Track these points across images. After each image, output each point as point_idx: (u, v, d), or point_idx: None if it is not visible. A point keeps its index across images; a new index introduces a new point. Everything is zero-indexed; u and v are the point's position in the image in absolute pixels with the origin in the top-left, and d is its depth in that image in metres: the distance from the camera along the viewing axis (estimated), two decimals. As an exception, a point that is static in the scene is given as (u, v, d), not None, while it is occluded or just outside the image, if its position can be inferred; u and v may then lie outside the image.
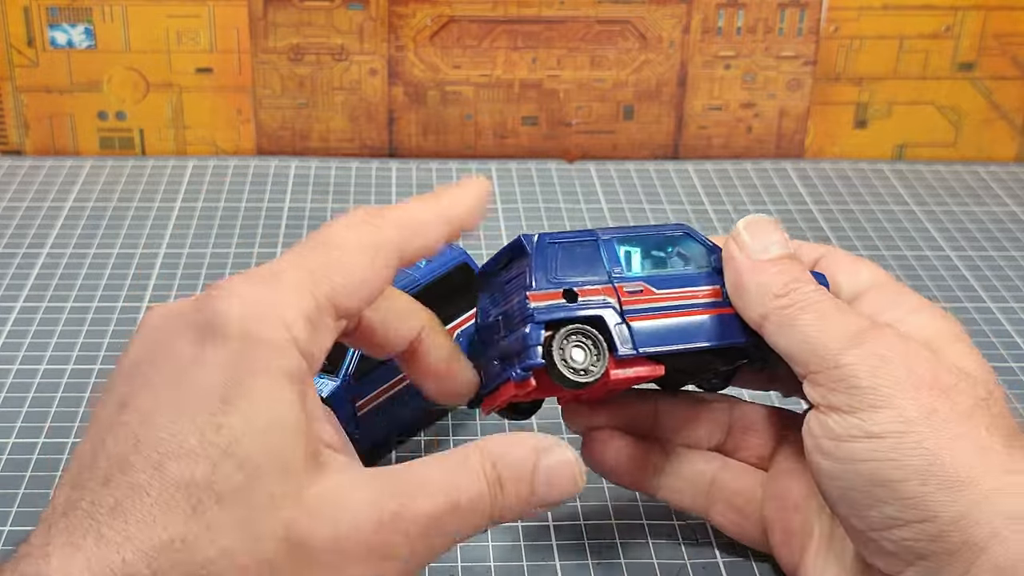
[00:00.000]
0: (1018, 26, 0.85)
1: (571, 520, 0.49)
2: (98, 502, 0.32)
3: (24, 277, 0.68)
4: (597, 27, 0.83)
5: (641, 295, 0.42)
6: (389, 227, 0.38)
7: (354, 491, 0.34)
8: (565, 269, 0.42)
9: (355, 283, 0.37)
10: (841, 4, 0.83)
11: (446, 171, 0.83)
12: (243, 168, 0.82)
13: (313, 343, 0.35)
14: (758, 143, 0.87)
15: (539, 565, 0.47)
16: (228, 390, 0.33)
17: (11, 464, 0.52)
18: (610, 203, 0.79)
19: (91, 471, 0.33)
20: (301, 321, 0.35)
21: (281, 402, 0.34)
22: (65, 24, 0.81)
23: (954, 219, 0.78)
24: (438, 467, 0.36)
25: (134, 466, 0.32)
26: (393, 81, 0.84)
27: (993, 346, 0.63)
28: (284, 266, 0.36)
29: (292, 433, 0.34)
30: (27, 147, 0.84)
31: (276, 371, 0.34)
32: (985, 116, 0.87)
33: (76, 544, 0.31)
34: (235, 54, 0.83)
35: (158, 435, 0.33)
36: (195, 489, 0.32)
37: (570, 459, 0.37)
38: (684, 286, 0.43)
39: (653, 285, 0.42)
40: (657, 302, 0.42)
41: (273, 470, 0.33)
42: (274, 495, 0.33)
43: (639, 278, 0.43)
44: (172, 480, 0.32)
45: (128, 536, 0.31)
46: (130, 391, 0.34)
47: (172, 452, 0.32)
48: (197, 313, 0.35)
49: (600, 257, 0.43)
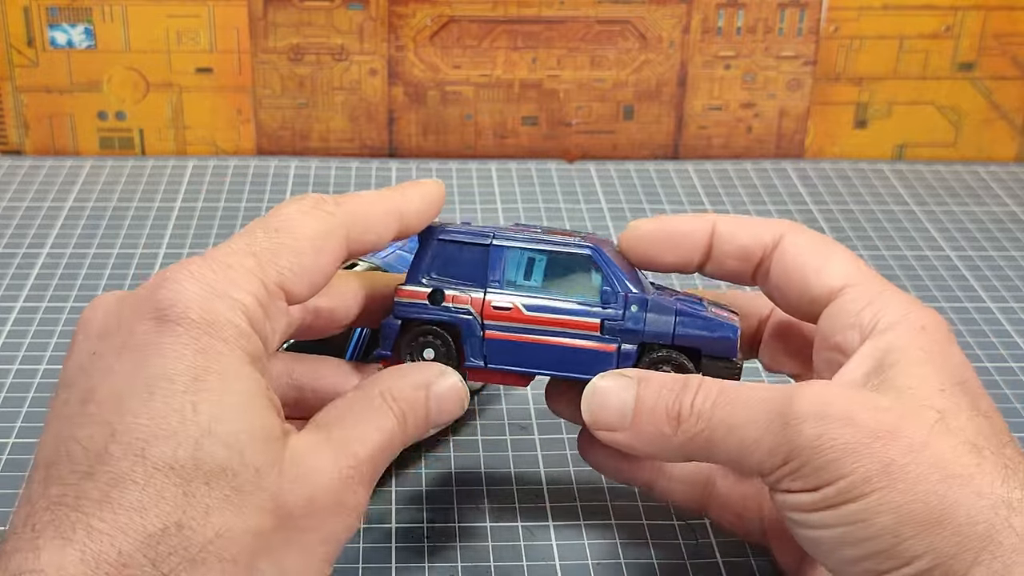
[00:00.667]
0: (1018, 26, 0.85)
1: (571, 520, 0.49)
2: (83, 495, 0.32)
3: (24, 277, 0.68)
4: (597, 27, 0.83)
5: (508, 313, 0.42)
6: (339, 216, 0.38)
7: (314, 453, 0.36)
8: (446, 268, 0.43)
9: (303, 269, 0.37)
10: (841, 4, 0.83)
11: (446, 171, 0.83)
12: (243, 168, 0.82)
13: (266, 325, 0.36)
14: (758, 143, 0.87)
15: (539, 565, 0.47)
16: (197, 371, 0.33)
17: (11, 464, 0.52)
18: (610, 203, 0.79)
19: (67, 465, 0.33)
20: (254, 305, 0.35)
21: (248, 379, 0.34)
22: (65, 24, 0.81)
23: (954, 219, 0.78)
24: (359, 413, 0.38)
25: (113, 455, 0.32)
26: (393, 81, 0.84)
27: (993, 346, 0.63)
28: (233, 251, 0.36)
29: (264, 406, 0.35)
30: (27, 147, 0.84)
31: (239, 353, 0.34)
32: (985, 116, 0.87)
33: (66, 537, 0.31)
34: (235, 54, 0.83)
35: (135, 421, 0.32)
36: (182, 471, 0.32)
37: (455, 384, 0.40)
38: (559, 313, 0.42)
39: (525, 306, 0.42)
40: (522, 323, 0.42)
41: (254, 443, 0.34)
42: (259, 468, 0.33)
43: (515, 295, 0.42)
44: (157, 465, 0.32)
45: (120, 527, 0.31)
46: (90, 384, 0.34)
47: (153, 436, 0.32)
48: (151, 300, 0.35)
49: (486, 265, 0.42)
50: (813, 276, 0.42)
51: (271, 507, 0.34)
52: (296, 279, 0.37)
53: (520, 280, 0.42)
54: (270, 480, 0.34)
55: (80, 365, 0.35)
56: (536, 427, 0.55)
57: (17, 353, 0.60)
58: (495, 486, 0.51)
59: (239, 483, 0.33)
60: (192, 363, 0.33)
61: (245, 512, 0.33)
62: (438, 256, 0.43)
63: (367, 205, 0.40)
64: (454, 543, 0.48)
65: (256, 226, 0.38)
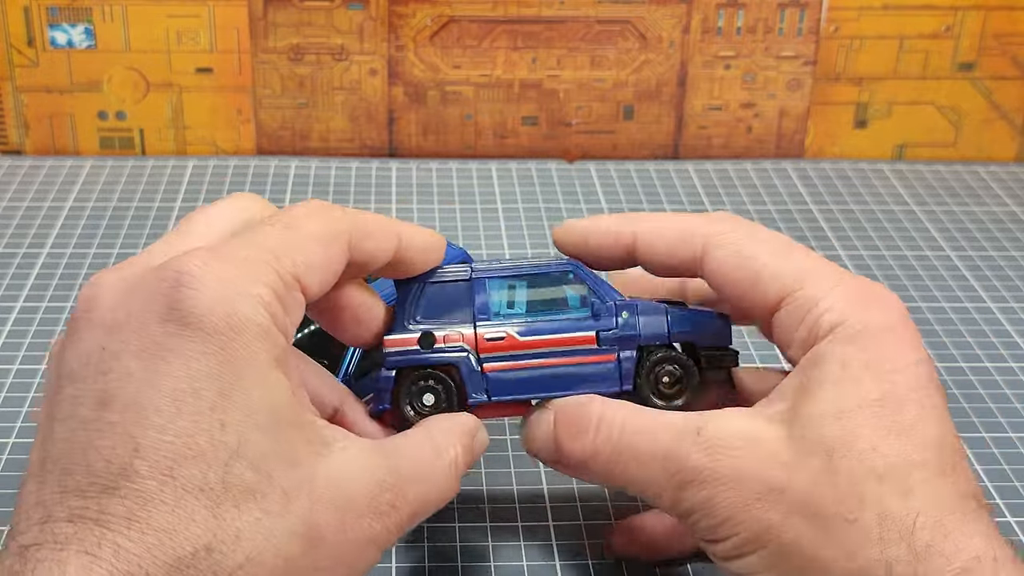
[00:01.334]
0: (1018, 26, 0.85)
1: (571, 520, 0.49)
2: (107, 511, 0.31)
3: (24, 277, 0.68)
4: (597, 27, 0.83)
5: (502, 343, 0.42)
6: (344, 221, 0.38)
7: (355, 476, 0.35)
8: (430, 310, 0.42)
9: (316, 264, 0.37)
10: (841, 4, 0.83)
11: (446, 171, 0.83)
12: (243, 168, 0.82)
13: (286, 318, 0.35)
14: (758, 143, 0.87)
15: (539, 565, 0.47)
16: (223, 385, 0.32)
17: (11, 464, 0.52)
18: (610, 203, 0.79)
19: (87, 476, 0.32)
20: (273, 298, 0.34)
21: (275, 390, 0.34)
22: (65, 24, 0.81)
23: (954, 219, 0.78)
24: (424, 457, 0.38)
25: (139, 472, 0.31)
26: (393, 81, 0.84)
27: (993, 346, 0.63)
28: (247, 244, 0.36)
29: (292, 422, 0.34)
30: (27, 147, 0.84)
31: (264, 357, 0.33)
32: (985, 116, 0.87)
33: (93, 554, 0.30)
34: (235, 54, 0.83)
35: (160, 438, 0.32)
36: (211, 494, 0.31)
37: (485, 441, 0.41)
38: (553, 333, 0.42)
39: (518, 333, 0.42)
40: (518, 349, 0.42)
41: (283, 465, 0.33)
42: (287, 491, 0.33)
43: (505, 324, 0.42)
44: (187, 487, 0.31)
45: (148, 548, 0.30)
46: (107, 386, 0.33)
47: (181, 456, 0.31)
48: (168, 299, 0.33)
49: (470, 298, 0.42)
50: (749, 293, 0.40)
51: (301, 531, 0.33)
52: (310, 273, 0.36)
53: (504, 310, 0.42)
54: (300, 503, 0.33)
55: (88, 359, 0.33)
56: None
57: (17, 353, 0.60)
58: (495, 486, 0.51)
59: (268, 506, 0.32)
60: (219, 375, 0.32)
61: (275, 537, 0.32)
62: (419, 299, 0.42)
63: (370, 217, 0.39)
64: (454, 543, 0.48)
65: (264, 224, 0.37)
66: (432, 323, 0.42)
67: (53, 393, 0.34)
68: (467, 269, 0.42)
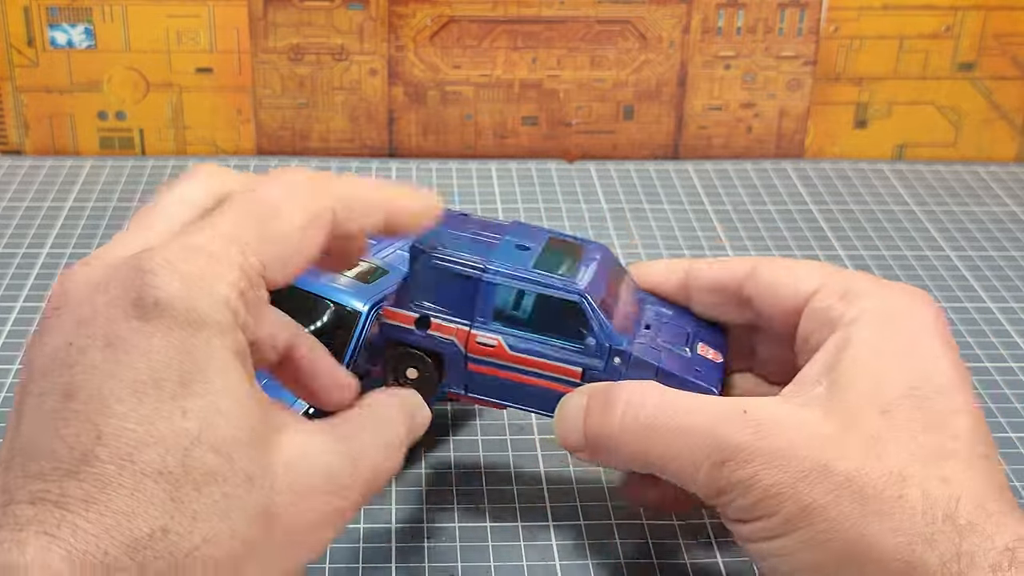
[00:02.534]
0: (1018, 26, 0.85)
1: (571, 520, 0.49)
2: (67, 493, 0.31)
3: (24, 277, 0.68)
4: (597, 27, 0.83)
5: (491, 349, 0.43)
6: (328, 198, 0.38)
7: (313, 458, 0.36)
8: (436, 296, 0.43)
9: (287, 254, 0.37)
10: (841, 4, 0.83)
11: (446, 171, 0.83)
12: (243, 168, 0.82)
13: (248, 315, 0.36)
14: (758, 143, 0.87)
15: (539, 565, 0.47)
16: (184, 374, 0.33)
17: (11, 464, 0.52)
18: (610, 203, 0.79)
19: (50, 462, 0.32)
20: (237, 296, 0.35)
21: (237, 380, 0.34)
22: (65, 24, 0.81)
23: (954, 219, 0.78)
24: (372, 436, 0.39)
25: (99, 457, 0.32)
26: (393, 81, 0.84)
27: (993, 346, 0.63)
28: (215, 237, 0.36)
29: (253, 409, 0.34)
30: (27, 147, 0.84)
31: (224, 350, 0.34)
32: (985, 116, 0.87)
33: (52, 535, 0.31)
34: (235, 54, 0.83)
35: (123, 425, 0.32)
36: (171, 477, 0.32)
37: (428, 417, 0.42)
38: (542, 356, 0.43)
39: (509, 345, 0.43)
40: (505, 360, 0.43)
41: (245, 449, 0.33)
42: (250, 475, 0.33)
43: (500, 333, 0.43)
44: (145, 471, 0.32)
45: (106, 528, 0.31)
46: (72, 379, 0.33)
47: (141, 442, 0.32)
48: (132, 292, 0.34)
49: (475, 298, 0.43)
50: (784, 288, 0.44)
51: (260, 514, 0.33)
52: (279, 268, 0.36)
53: (504, 319, 0.43)
54: (261, 487, 0.34)
55: (56, 354, 0.34)
56: (536, 427, 0.55)
57: (17, 353, 0.60)
58: (495, 486, 0.51)
59: (228, 489, 0.33)
60: (179, 365, 0.33)
61: (233, 518, 0.33)
62: (429, 279, 0.43)
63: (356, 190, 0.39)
64: (454, 543, 0.48)
65: (237, 204, 0.37)
66: (434, 309, 0.43)
67: (23, 389, 0.35)
68: (482, 266, 0.43)
